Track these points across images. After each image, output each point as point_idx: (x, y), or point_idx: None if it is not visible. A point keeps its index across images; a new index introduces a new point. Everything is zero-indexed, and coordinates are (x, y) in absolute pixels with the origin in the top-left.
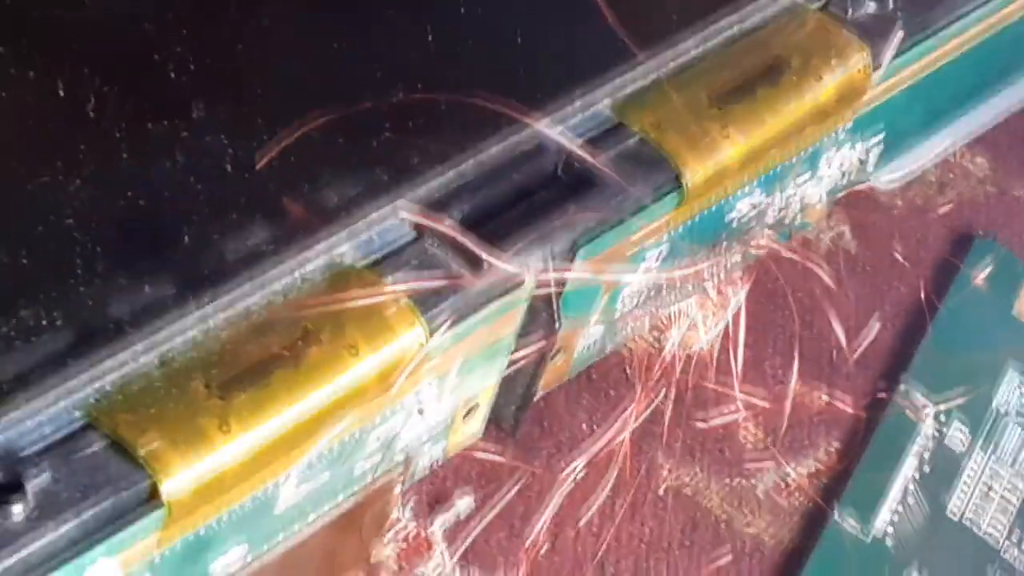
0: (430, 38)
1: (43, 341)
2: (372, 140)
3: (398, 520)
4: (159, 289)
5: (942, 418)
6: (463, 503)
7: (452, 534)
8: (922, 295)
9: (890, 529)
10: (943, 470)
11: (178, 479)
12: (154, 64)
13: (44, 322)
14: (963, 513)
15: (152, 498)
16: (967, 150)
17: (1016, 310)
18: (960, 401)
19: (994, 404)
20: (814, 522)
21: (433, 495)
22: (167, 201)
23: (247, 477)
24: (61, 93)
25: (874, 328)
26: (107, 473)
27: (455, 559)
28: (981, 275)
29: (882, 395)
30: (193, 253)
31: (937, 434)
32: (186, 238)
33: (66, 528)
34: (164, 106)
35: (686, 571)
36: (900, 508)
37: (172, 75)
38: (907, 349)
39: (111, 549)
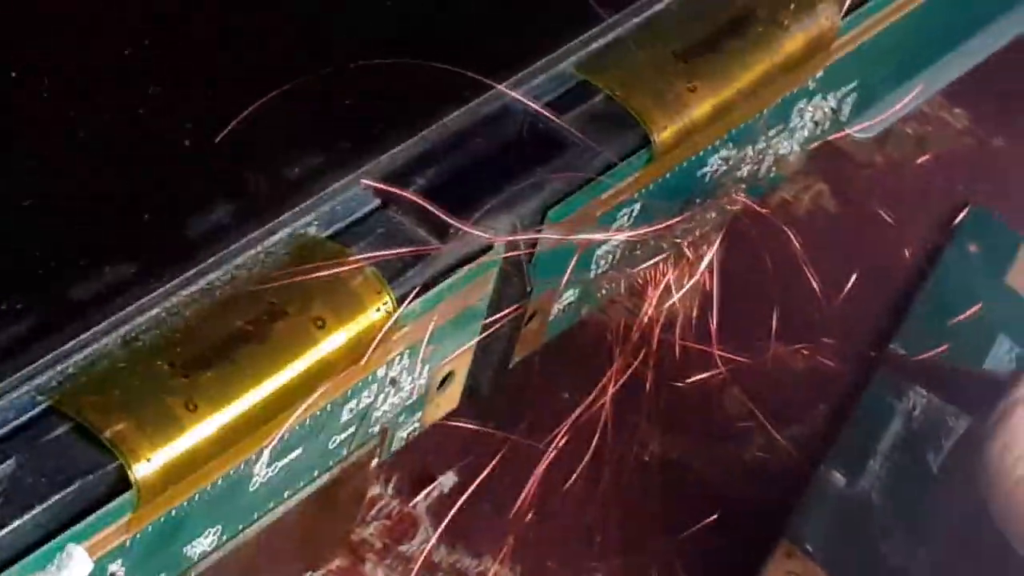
0: (389, 3)
1: (2, 325)
2: (332, 110)
3: (380, 497)
4: (120, 269)
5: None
6: (446, 478)
7: (436, 510)
8: (906, 254)
9: (877, 485)
10: (930, 431)
11: (146, 461)
12: (109, 39)
13: (3, 306)
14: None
15: (120, 482)
16: (945, 101)
17: (1009, 279)
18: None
19: (985, 370)
20: (801, 485)
21: (415, 472)
22: (125, 179)
23: (217, 456)
24: (13, 72)
25: (856, 288)
26: (73, 458)
27: (440, 535)
28: (974, 244)
29: (871, 354)
30: (153, 231)
31: (925, 396)
32: (146, 216)
33: (32, 515)
34: (120, 82)
35: (674, 537)
36: (887, 465)
37: (127, 50)
38: (893, 312)
39: (80, 535)
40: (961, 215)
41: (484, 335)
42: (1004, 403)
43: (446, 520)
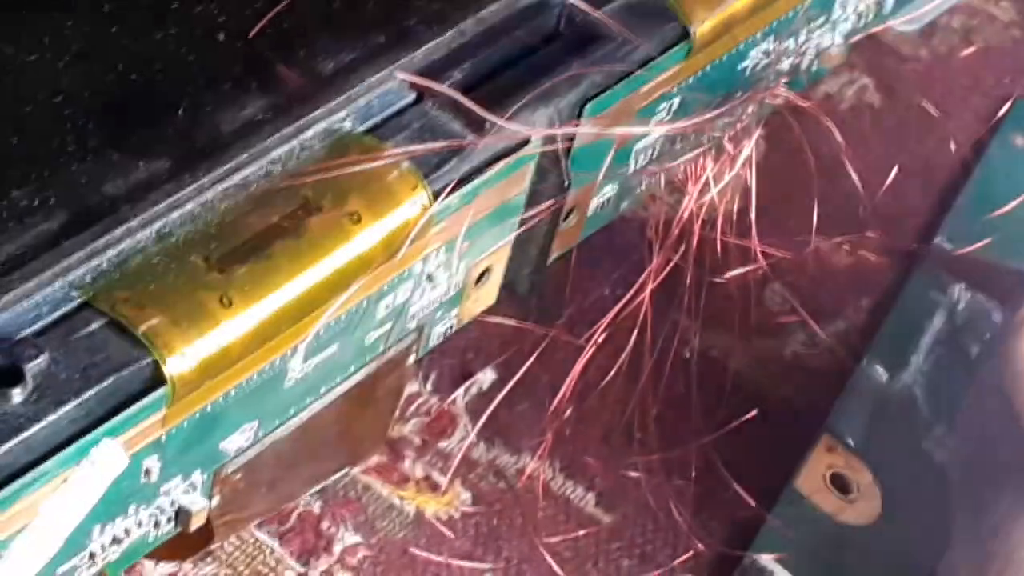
0: None
1: (36, 221)
2: (367, 2)
3: (419, 394)
4: (154, 164)
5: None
6: (484, 375)
7: (475, 407)
8: (952, 148)
9: (919, 380)
10: (973, 326)
11: (180, 356)
12: None
13: (37, 202)
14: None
15: (155, 376)
16: None
17: None
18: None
19: None
20: (843, 380)
21: (454, 368)
22: (159, 73)
23: (252, 351)
24: None
25: (900, 182)
26: (107, 353)
27: (479, 432)
28: (1020, 137)
29: (914, 247)
30: (188, 125)
31: (968, 291)
32: (180, 110)
33: (66, 410)
34: None
35: (714, 433)
36: (930, 360)
37: None
38: (938, 207)
39: (114, 429)
40: (1006, 107)
41: (521, 230)
42: None
43: (484, 417)
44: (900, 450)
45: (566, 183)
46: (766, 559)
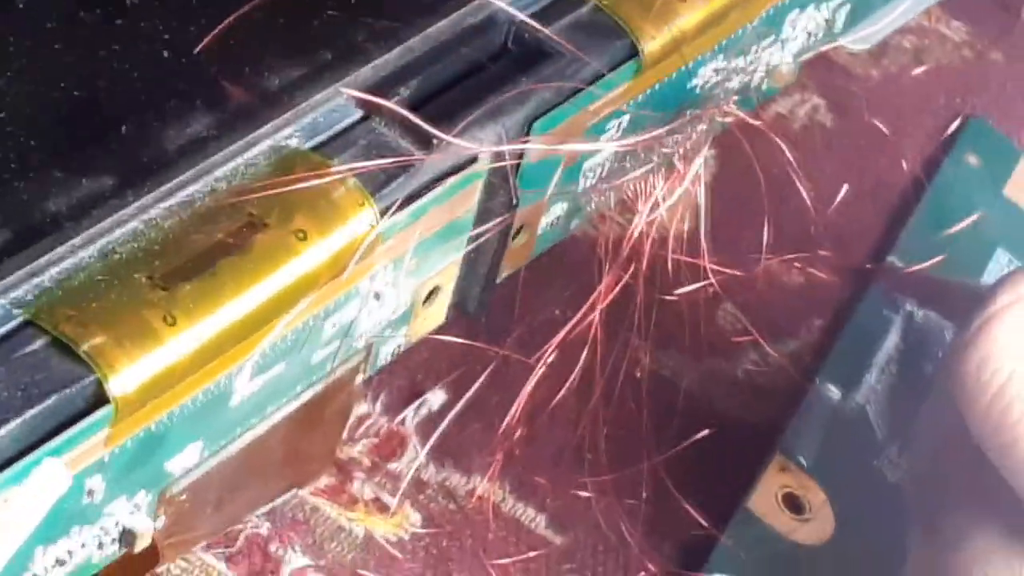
0: None
1: None
2: (314, 19)
3: (369, 415)
4: (98, 181)
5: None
6: (434, 395)
7: (425, 427)
8: (904, 167)
9: (872, 399)
10: (926, 345)
11: (124, 375)
12: None
13: None
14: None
15: (98, 395)
16: (943, 13)
17: (1007, 191)
18: (946, 279)
19: (982, 283)
20: (795, 400)
21: (404, 389)
22: (103, 89)
23: (197, 370)
24: None
25: (853, 201)
26: (50, 372)
27: (429, 452)
28: (973, 155)
29: (867, 265)
30: (132, 142)
31: (921, 308)
32: (124, 127)
33: (7, 429)
34: None
35: (665, 453)
36: (882, 379)
37: None
38: (891, 225)
39: (57, 449)
40: (955, 124)
41: (470, 248)
42: (981, 316)
43: (434, 437)
44: (853, 469)
45: (515, 201)
46: None
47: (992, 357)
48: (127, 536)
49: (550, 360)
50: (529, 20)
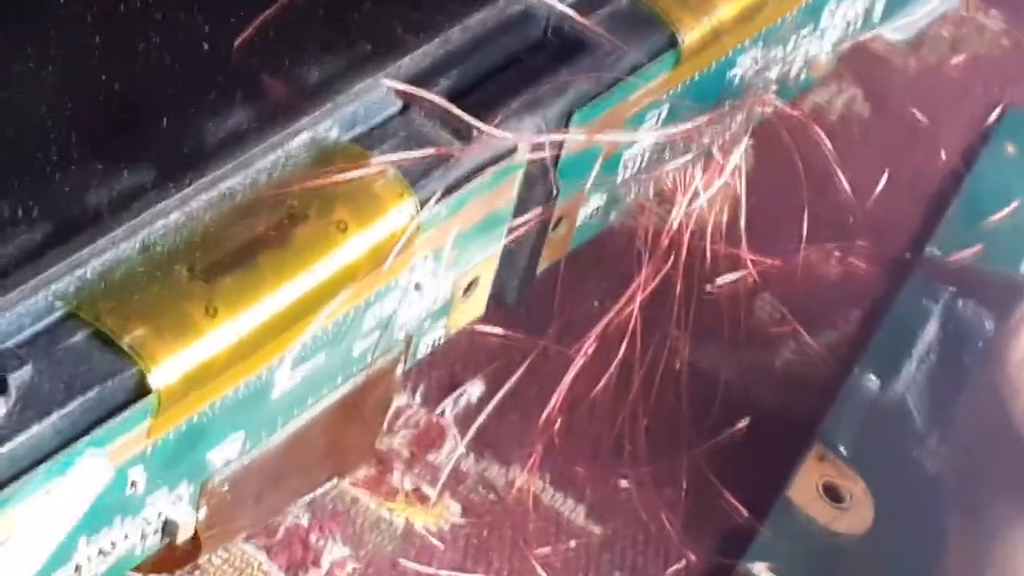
0: None
1: (19, 232)
2: (353, 11)
3: (408, 406)
4: (138, 173)
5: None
6: (473, 387)
7: (464, 418)
8: (942, 156)
9: (911, 389)
10: (965, 335)
11: (166, 367)
12: None
13: (20, 211)
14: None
15: (140, 388)
16: (981, 2)
17: None
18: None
19: (1021, 271)
20: (834, 391)
21: (443, 380)
22: (143, 83)
23: (238, 362)
24: None
25: (891, 191)
26: (91, 364)
27: (468, 444)
28: (1011, 145)
29: (905, 256)
30: (172, 135)
31: (960, 298)
32: (165, 120)
33: (50, 421)
34: None
35: (705, 444)
36: (922, 369)
37: None
38: (929, 215)
39: (99, 441)
40: (994, 114)
41: (509, 240)
42: (1022, 308)
43: (473, 429)
44: (892, 459)
45: (554, 192)
46: (759, 568)
47: None
48: (169, 527)
49: (589, 352)
50: (568, 10)
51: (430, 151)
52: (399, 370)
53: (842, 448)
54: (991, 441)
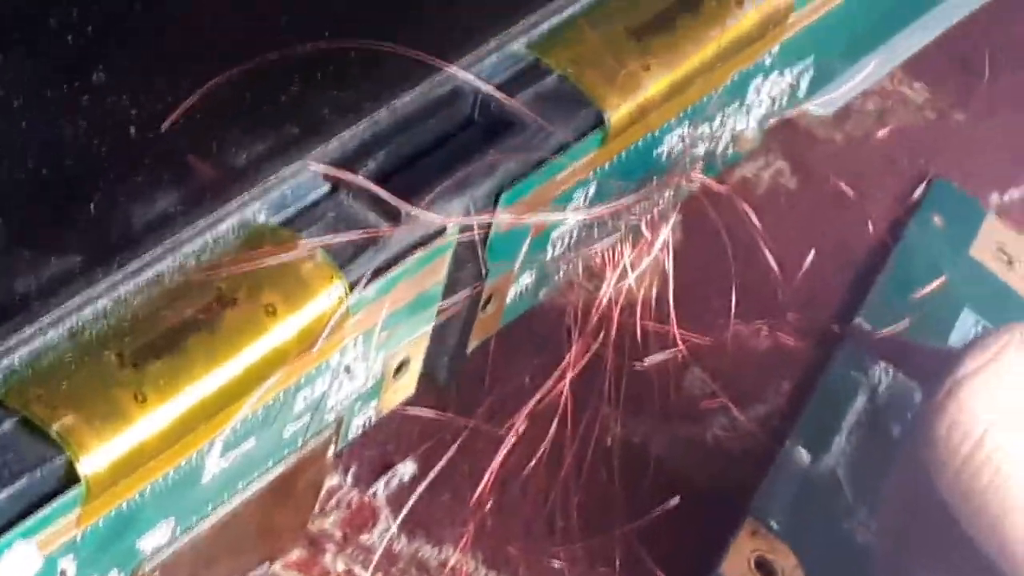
0: None
1: None
2: (280, 94)
3: (339, 487)
4: (65, 259)
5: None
6: (405, 467)
7: (396, 499)
8: (870, 229)
9: (842, 461)
10: (895, 407)
11: (95, 455)
12: (51, 25)
13: None
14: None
15: (69, 476)
16: (904, 75)
17: (973, 252)
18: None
19: (949, 343)
20: (765, 464)
21: (374, 460)
22: (70, 166)
23: (168, 448)
24: None
25: (819, 264)
26: (19, 452)
27: (400, 524)
28: (938, 216)
29: (834, 328)
30: (99, 219)
31: (889, 370)
32: (91, 204)
33: None
34: (63, 68)
35: (637, 520)
36: (852, 442)
37: (70, 37)
38: (857, 287)
39: (28, 531)
40: (921, 187)
41: (439, 320)
42: (951, 379)
43: (406, 509)
44: (823, 532)
45: (484, 272)
46: None
47: (961, 422)
48: None
49: (520, 430)
50: (495, 91)
51: (359, 233)
52: (330, 452)
53: (773, 523)
54: (919, 513)
